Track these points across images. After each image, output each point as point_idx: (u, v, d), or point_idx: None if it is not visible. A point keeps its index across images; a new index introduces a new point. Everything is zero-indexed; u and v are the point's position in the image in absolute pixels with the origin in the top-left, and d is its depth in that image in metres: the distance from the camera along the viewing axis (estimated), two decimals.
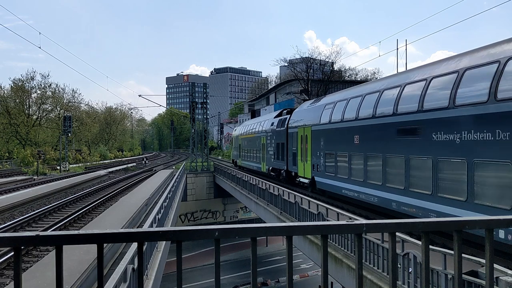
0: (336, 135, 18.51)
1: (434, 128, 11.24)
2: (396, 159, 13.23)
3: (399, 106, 13.23)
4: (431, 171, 11.34)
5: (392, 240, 1.82)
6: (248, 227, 1.69)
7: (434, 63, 13.12)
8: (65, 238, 1.57)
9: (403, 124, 12.93)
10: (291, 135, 25.03)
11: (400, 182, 12.96)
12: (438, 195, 11.04)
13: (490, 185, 9.42)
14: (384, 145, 14.06)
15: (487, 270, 1.83)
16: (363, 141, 15.69)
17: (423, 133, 11.82)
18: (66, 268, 9.37)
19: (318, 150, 20.31)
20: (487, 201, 9.35)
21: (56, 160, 60.73)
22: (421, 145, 11.93)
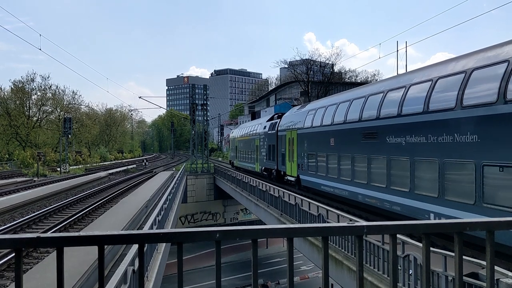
0: (316, 138, 20.74)
1: (387, 133, 13.60)
2: (361, 158, 15.48)
3: (363, 114, 15.52)
4: (385, 168, 13.61)
5: (393, 242, 1.82)
6: (249, 229, 1.69)
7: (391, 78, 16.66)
8: (66, 239, 1.57)
9: (366, 129, 15.21)
10: (280, 138, 27.30)
11: (364, 178, 15.17)
12: (391, 188, 13.31)
13: (425, 178, 11.71)
14: (352, 146, 16.34)
15: (488, 272, 1.82)
16: (337, 143, 18.04)
17: (380, 137, 14.07)
18: (67, 269, 9.33)
19: (302, 151, 22.63)
20: (422, 191, 11.74)
21: (56, 161, 60.73)
22: (378, 147, 14.17)
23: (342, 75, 71.01)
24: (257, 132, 34.80)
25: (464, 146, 10.16)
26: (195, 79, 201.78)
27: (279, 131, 27.64)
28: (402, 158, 12.69)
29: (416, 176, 12.02)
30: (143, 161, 73.91)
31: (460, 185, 10.42)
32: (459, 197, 10.30)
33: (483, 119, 9.66)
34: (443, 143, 10.87)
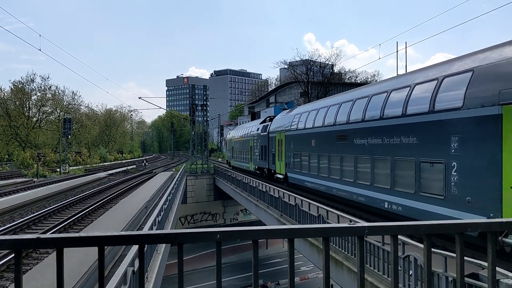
0: (301, 139, 22.94)
1: (354, 135, 15.98)
2: (335, 157, 17.89)
3: (337, 119, 17.90)
4: (353, 166, 15.96)
5: (394, 242, 1.82)
6: (250, 229, 1.68)
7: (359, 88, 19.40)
8: (65, 240, 1.57)
9: (339, 132, 17.61)
10: (271, 139, 29.43)
11: (337, 174, 17.54)
12: (357, 182, 15.69)
13: (381, 173, 14.04)
14: (328, 147, 18.70)
15: (489, 273, 1.82)
16: (317, 144, 20.34)
17: (349, 139, 16.52)
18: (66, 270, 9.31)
19: (289, 151, 24.93)
20: (379, 184, 13.99)
21: (56, 162, 60.69)
22: (348, 147, 16.50)
23: (342, 75, 71.01)
24: (251, 134, 36.94)
25: (407, 147, 12.53)
26: (195, 80, 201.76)
27: (270, 133, 29.72)
28: (365, 157, 15.14)
29: (375, 172, 14.44)
30: (143, 162, 73.89)
31: (405, 178, 12.69)
32: (404, 188, 12.64)
33: (419, 125, 12.02)
34: (394, 144, 13.28)
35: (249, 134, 37.81)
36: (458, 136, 10.47)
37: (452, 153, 10.61)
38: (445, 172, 10.81)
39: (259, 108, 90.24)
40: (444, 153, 10.87)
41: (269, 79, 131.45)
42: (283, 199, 18.73)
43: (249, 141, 37.25)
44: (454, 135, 10.59)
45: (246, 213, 45.70)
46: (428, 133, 11.65)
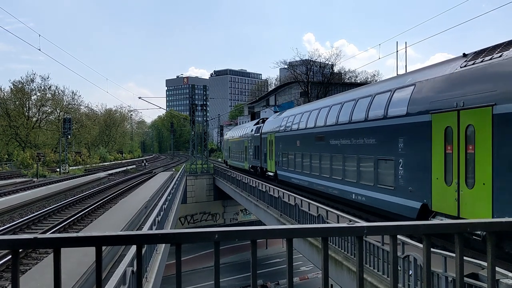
0: (288, 140, 25.25)
1: (330, 136, 18.48)
2: (315, 156, 20.15)
3: (317, 122, 20.22)
4: (329, 163, 18.38)
5: (393, 242, 1.81)
6: (248, 229, 1.68)
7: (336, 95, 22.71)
8: (63, 240, 1.56)
9: (318, 134, 19.99)
10: (263, 140, 31.73)
11: (317, 171, 19.95)
12: (332, 177, 18.03)
13: (350, 169, 16.29)
14: (310, 147, 21.01)
15: (489, 273, 1.81)
16: (301, 144, 22.55)
17: (325, 140, 18.90)
18: (65, 270, 9.35)
19: (278, 151, 27.12)
20: (349, 178, 16.37)
21: (55, 162, 60.69)
22: (325, 147, 18.87)
23: (342, 75, 71.01)
24: (246, 135, 39.25)
25: (368, 147, 14.85)
26: (194, 80, 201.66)
27: (262, 134, 31.99)
28: (338, 155, 17.53)
29: (345, 168, 16.84)
30: (142, 162, 73.87)
31: (367, 173, 15.00)
32: (366, 181, 14.92)
33: (377, 129, 14.30)
34: (359, 144, 15.58)
35: (244, 135, 40.00)
36: (403, 138, 12.78)
37: (399, 152, 12.88)
38: (394, 167, 13.11)
39: (259, 108, 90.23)
40: (394, 152, 13.14)
41: (269, 79, 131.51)
42: (283, 199, 18.72)
43: (244, 142, 39.46)
44: (400, 137, 12.87)
45: (246, 213, 45.71)
46: (383, 135, 14.04)
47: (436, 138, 11.12)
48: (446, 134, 10.79)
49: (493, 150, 9.19)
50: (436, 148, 11.09)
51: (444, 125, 10.89)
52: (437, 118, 11.15)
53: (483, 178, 9.39)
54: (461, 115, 10.35)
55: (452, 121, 10.57)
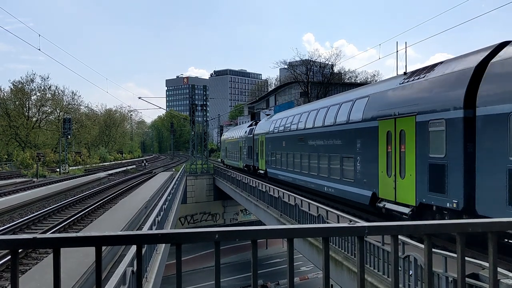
0: (276, 141, 28.17)
1: (309, 138, 21.44)
2: (297, 155, 22.99)
3: (298, 125, 23.29)
4: (308, 161, 21.32)
5: (394, 242, 1.80)
6: (249, 229, 1.67)
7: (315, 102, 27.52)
8: (62, 240, 1.55)
9: (299, 135, 22.84)
10: (255, 140, 34.55)
11: (299, 168, 22.84)
12: (310, 173, 21.01)
13: (323, 166, 19.31)
14: (293, 147, 23.99)
15: (491, 273, 1.80)
16: (286, 145, 25.58)
17: (305, 140, 21.90)
18: (65, 270, 9.35)
19: (268, 151, 29.94)
20: (322, 173, 19.43)
21: (55, 162, 60.67)
22: (305, 147, 21.81)
23: (342, 75, 70.98)
24: (240, 136, 42.06)
25: (336, 146, 17.85)
26: (194, 80, 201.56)
27: (255, 135, 34.79)
28: (314, 154, 20.55)
29: (320, 165, 19.84)
30: (142, 162, 73.84)
31: (335, 169, 17.97)
32: (335, 176, 17.85)
33: (342, 131, 17.37)
34: (329, 144, 18.68)
35: (239, 136, 42.97)
36: (360, 139, 15.64)
37: (357, 151, 15.79)
38: (354, 164, 16.01)
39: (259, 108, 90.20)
40: (354, 151, 16.06)
41: (269, 79, 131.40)
42: (283, 199, 18.72)
43: (239, 142, 42.48)
44: (358, 139, 15.79)
45: (246, 213, 45.69)
46: (346, 137, 16.96)
47: (381, 140, 14.10)
48: (388, 137, 13.68)
49: (416, 149, 12.09)
50: (381, 148, 14.08)
51: (386, 129, 13.82)
52: (382, 124, 14.07)
53: (410, 170, 12.31)
54: (396, 122, 13.23)
55: (391, 126, 13.49)
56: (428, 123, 11.69)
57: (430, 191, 11.52)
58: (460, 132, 10.58)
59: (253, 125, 37.80)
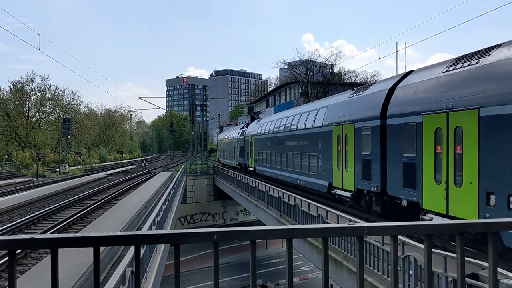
0: (262, 142, 32.05)
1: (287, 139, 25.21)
2: (278, 154, 26.92)
3: (279, 128, 27.23)
4: (286, 159, 25.08)
5: (394, 243, 1.80)
6: (247, 230, 1.66)
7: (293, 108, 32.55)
8: (60, 241, 1.54)
9: (280, 137, 26.87)
10: (246, 141, 38.32)
11: (279, 165, 26.73)
12: (288, 169, 24.71)
13: (297, 163, 22.89)
14: (275, 147, 27.73)
15: (491, 273, 1.80)
16: (270, 145, 29.54)
17: (284, 141, 25.76)
18: (65, 271, 9.33)
19: (256, 150, 33.74)
20: (296, 169, 23.18)
21: (55, 162, 60.65)
22: (284, 147, 25.53)
23: (342, 75, 70.97)
24: (234, 137, 46.07)
25: (305, 146, 21.82)
26: (194, 80, 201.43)
27: (246, 136, 38.54)
28: (290, 153, 24.41)
29: (294, 162, 23.61)
30: (142, 162, 73.83)
31: (304, 165, 21.84)
32: (305, 171, 21.86)
33: (309, 134, 21.25)
34: (300, 145, 22.61)
35: (233, 137, 46.98)
36: (321, 141, 19.66)
37: (319, 150, 19.86)
38: (317, 160, 20.05)
39: (259, 108, 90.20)
40: (317, 150, 20.15)
41: (268, 79, 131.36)
42: (283, 199, 18.71)
43: (233, 143, 46.20)
44: (319, 140, 19.82)
45: (246, 213, 45.68)
46: (312, 139, 20.86)
47: (334, 141, 18.09)
48: (338, 139, 17.65)
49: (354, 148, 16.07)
50: (334, 147, 18.07)
51: (337, 133, 17.78)
52: (334, 129, 18.08)
53: (351, 164, 16.34)
54: (343, 128, 17.16)
55: (340, 131, 17.39)
56: (361, 129, 15.55)
57: (363, 179, 15.39)
58: (378, 136, 14.33)
59: (245, 127, 42.08)
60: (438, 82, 11.65)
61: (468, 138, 10.01)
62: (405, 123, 12.78)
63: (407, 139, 12.63)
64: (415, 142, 12.18)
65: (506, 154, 8.87)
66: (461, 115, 10.36)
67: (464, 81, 10.57)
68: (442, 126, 11.03)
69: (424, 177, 11.67)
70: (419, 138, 11.98)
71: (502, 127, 9.04)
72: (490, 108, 9.43)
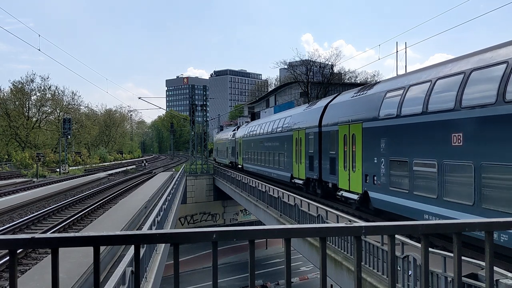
0: (248, 143, 37.39)
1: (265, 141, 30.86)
2: (260, 153, 32.10)
3: (267, 130, 30.57)
4: (269, 157, 29.46)
5: (391, 242, 1.81)
6: (246, 229, 1.67)
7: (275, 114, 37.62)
8: (60, 240, 1.56)
9: (261, 139, 32.03)
10: (236, 142, 44.01)
11: (263, 162, 31.17)
12: (266, 165, 30.06)
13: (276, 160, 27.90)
14: (260, 146, 32.55)
15: (487, 273, 1.81)
16: (253, 145, 34.90)
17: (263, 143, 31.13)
18: (65, 270, 9.34)
19: (244, 150, 39.38)
20: (272, 164, 28.74)
21: (55, 162, 60.65)
22: (263, 147, 30.89)
23: (342, 76, 70.89)
24: (227, 138, 51.65)
25: (277, 147, 27.53)
26: (194, 80, 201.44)
27: (236, 138, 44.22)
28: (267, 152, 29.71)
29: (269, 159, 29.14)
30: (142, 162, 73.81)
31: (276, 161, 27.50)
32: (276, 166, 27.62)
33: (279, 137, 27.14)
34: (274, 145, 28.13)
35: (226, 138, 53.18)
36: (286, 142, 25.44)
37: (285, 149, 25.49)
38: (284, 157, 25.76)
39: (259, 108, 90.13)
40: (283, 149, 25.87)
41: (269, 79, 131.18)
42: (283, 199, 18.71)
43: (226, 143, 52.20)
44: (285, 142, 25.58)
45: (246, 214, 45.68)
46: (281, 140, 26.73)
47: (293, 143, 23.80)
48: (296, 141, 23.38)
49: (306, 148, 21.81)
50: (293, 147, 23.80)
51: (295, 137, 23.57)
52: (294, 133, 23.90)
53: (304, 160, 21.99)
54: (299, 132, 22.91)
55: (297, 135, 23.22)
56: (309, 134, 21.51)
57: (309, 171, 21.38)
58: (317, 139, 20.26)
59: (236, 130, 47.85)
60: (347, 104, 17.64)
61: (357, 142, 15.60)
62: (330, 131, 18.72)
63: (331, 142, 18.51)
64: (335, 143, 17.96)
65: (372, 152, 14.38)
66: (355, 126, 15.96)
67: (356, 105, 16.40)
68: (346, 133, 16.76)
69: (339, 167, 17.39)
70: (337, 141, 17.71)
71: (370, 135, 14.67)
72: (366, 123, 15.05)
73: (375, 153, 14.15)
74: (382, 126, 13.83)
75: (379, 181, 13.81)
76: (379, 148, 13.85)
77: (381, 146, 13.80)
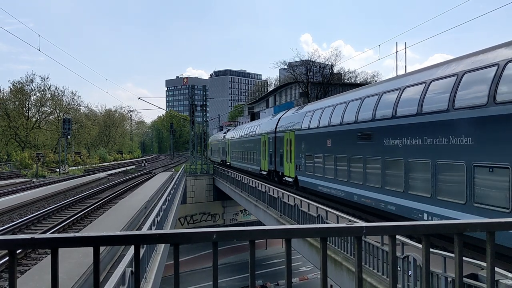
0: (234, 144, 44.35)
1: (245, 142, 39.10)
2: (244, 152, 39.25)
3: (246, 133, 38.07)
4: (248, 155, 37.33)
5: (392, 243, 1.80)
6: (246, 230, 1.67)
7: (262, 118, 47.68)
8: (60, 240, 1.55)
9: (241, 141, 40.74)
10: (225, 143, 50.91)
11: (252, 160, 35.37)
12: (249, 162, 36.73)
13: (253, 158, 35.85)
14: (242, 147, 39.94)
15: (488, 273, 1.81)
16: (238, 146, 42.24)
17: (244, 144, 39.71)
18: (65, 270, 9.33)
19: (231, 150, 46.55)
20: (246, 161, 38.36)
21: (55, 162, 60.62)
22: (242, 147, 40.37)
23: (342, 76, 70.87)
24: (219, 140, 59.99)
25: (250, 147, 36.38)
26: (194, 80, 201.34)
27: (226, 140, 51.30)
28: (246, 151, 37.47)
29: (247, 157, 36.97)
30: (142, 162, 73.79)
31: (250, 158, 36.36)
32: (250, 162, 35.86)
33: (253, 140, 35.17)
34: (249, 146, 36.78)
35: (218, 139, 62.57)
36: (257, 144, 33.09)
37: (256, 149, 33.30)
38: (255, 155, 33.48)
39: (259, 108, 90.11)
40: (255, 149, 33.69)
41: (268, 80, 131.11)
42: (282, 200, 18.70)
43: (218, 144, 60.29)
44: (256, 143, 33.23)
45: (246, 214, 45.67)
46: (254, 142, 34.14)
47: (261, 144, 31.03)
48: (263, 143, 30.96)
49: (267, 148, 29.47)
50: (261, 147, 31.20)
51: (262, 140, 30.99)
52: (262, 137, 31.08)
53: (267, 156, 29.78)
54: (264, 136, 30.52)
55: (264, 138, 30.80)
56: (269, 138, 28.87)
57: (270, 164, 28.77)
58: (273, 142, 27.76)
59: (226, 133, 55.22)
60: (290, 117, 25.79)
61: (293, 143, 23.48)
62: (280, 136, 26.37)
63: (281, 143, 26.24)
64: (282, 145, 25.79)
65: (299, 150, 22.51)
66: (291, 133, 23.98)
67: (294, 118, 24.61)
68: (288, 138, 24.55)
69: (285, 160, 25.17)
70: (283, 143, 25.54)
71: (298, 139, 22.82)
72: (298, 131, 23.07)
73: (299, 151, 22.56)
74: (303, 134, 22.26)
75: (302, 169, 22.08)
76: (301, 148, 22.27)
77: (302, 146, 22.19)
